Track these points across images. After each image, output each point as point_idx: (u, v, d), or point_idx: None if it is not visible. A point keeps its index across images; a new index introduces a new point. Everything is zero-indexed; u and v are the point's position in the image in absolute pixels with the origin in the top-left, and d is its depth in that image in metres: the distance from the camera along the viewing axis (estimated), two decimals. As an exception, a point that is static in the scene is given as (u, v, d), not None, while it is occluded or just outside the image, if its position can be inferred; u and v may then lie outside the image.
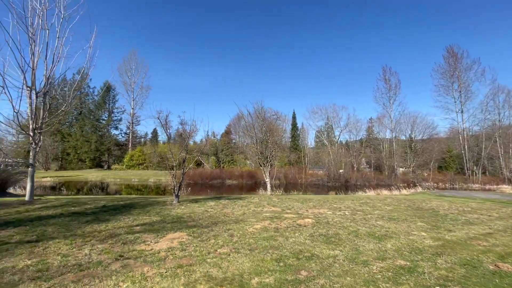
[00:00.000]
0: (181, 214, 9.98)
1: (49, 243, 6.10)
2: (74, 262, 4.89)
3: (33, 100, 13.09)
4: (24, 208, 11.00)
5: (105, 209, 10.74)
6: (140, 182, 48.95)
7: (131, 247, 5.90)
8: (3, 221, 8.46)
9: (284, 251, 5.75)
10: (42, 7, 13.32)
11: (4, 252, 5.42)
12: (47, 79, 13.41)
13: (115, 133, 74.58)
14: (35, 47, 13.12)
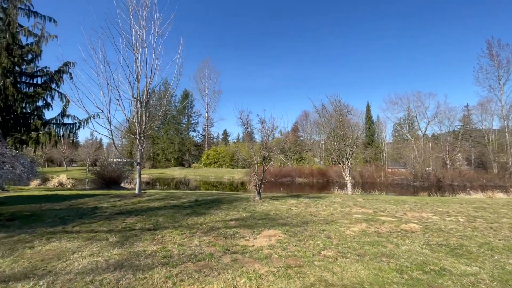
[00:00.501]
0: (267, 211, 10.04)
1: (164, 232, 6.89)
2: (189, 252, 5.30)
3: (138, 108, 15.46)
4: (136, 200, 13.07)
5: (198, 203, 11.74)
6: (216, 179, 53.09)
7: (233, 241, 6.10)
8: (126, 210, 10.16)
9: (402, 260, 4.95)
10: (142, 29, 15.59)
11: (134, 237, 6.36)
12: (147, 90, 15.63)
13: (193, 135, 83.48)
14: (138, 63, 15.48)
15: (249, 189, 27.85)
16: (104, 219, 8.41)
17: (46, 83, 17.98)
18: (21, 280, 3.99)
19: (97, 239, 6.21)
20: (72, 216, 8.93)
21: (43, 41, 17.58)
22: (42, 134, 16.62)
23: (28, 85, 17.73)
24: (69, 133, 18.18)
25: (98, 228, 7.30)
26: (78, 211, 9.89)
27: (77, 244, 5.81)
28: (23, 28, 17.30)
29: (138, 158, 15.56)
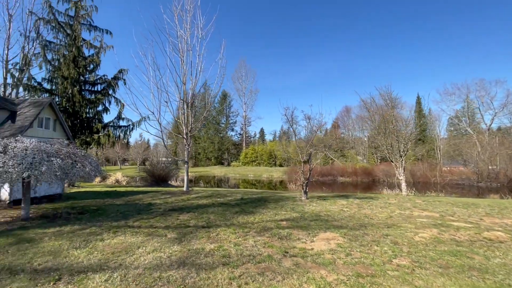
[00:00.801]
0: (317, 212, 9.55)
1: (217, 230, 6.91)
2: (247, 253, 5.15)
3: (185, 109, 16.11)
4: (185, 197, 13.63)
5: (245, 202, 11.73)
6: (255, 177, 53.48)
7: (289, 243, 5.82)
8: (177, 207, 10.59)
9: (500, 277, 4.14)
10: (187, 33, 16.18)
11: (190, 234, 6.47)
12: (193, 91, 16.19)
13: (231, 134, 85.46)
14: (184, 66, 16.12)
15: (290, 188, 27.33)
16: (159, 215, 8.82)
17: (104, 90, 19.89)
18: (97, 272, 4.23)
19: (157, 235, 6.45)
20: (131, 212, 9.57)
21: (102, 51, 19.49)
22: (103, 135, 18.42)
23: (90, 92, 19.81)
24: (124, 134, 19.88)
25: (156, 224, 7.64)
26: (135, 207, 10.60)
27: (140, 239, 6.08)
28: (85, 41, 19.37)
29: (185, 157, 16.22)
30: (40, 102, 12.51)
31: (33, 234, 6.39)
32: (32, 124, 11.61)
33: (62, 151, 8.32)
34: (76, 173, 8.01)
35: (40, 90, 17.59)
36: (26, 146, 7.48)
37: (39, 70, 17.65)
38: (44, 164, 7.22)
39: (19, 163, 6.89)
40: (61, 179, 7.74)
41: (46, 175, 7.17)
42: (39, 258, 4.81)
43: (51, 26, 18.21)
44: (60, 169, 7.62)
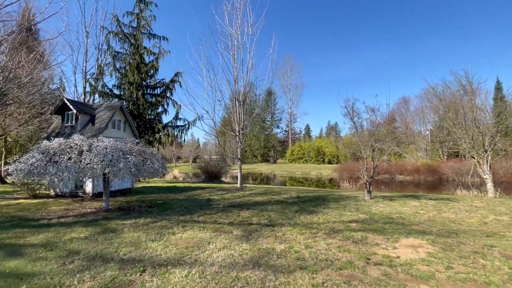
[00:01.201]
0: (387, 214, 8.56)
1: (282, 229, 6.61)
2: (323, 257, 4.71)
3: (237, 107, 16.29)
4: (240, 193, 13.77)
5: (302, 200, 11.25)
6: (303, 175, 52.27)
7: (367, 248, 5.19)
8: (236, 203, 10.67)
9: None
10: (237, 31, 16.29)
11: (256, 232, 6.30)
12: (244, 89, 16.26)
13: (276, 131, 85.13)
14: (235, 64, 16.28)
15: (344, 187, 25.79)
16: (221, 211, 8.95)
17: (163, 92, 21.50)
18: (176, 266, 4.29)
19: (223, 231, 6.45)
20: (194, 207, 9.94)
21: (161, 57, 21.07)
22: (163, 135, 19.93)
23: (151, 96, 21.61)
24: (181, 133, 21.22)
25: (219, 219, 7.71)
26: (196, 202, 11.02)
27: (208, 234, 6.14)
28: (146, 49, 21.16)
29: (238, 154, 16.43)
30: (112, 106, 13.97)
31: (115, 225, 6.99)
32: (107, 125, 13.00)
33: (134, 149, 9.01)
34: (146, 169, 8.59)
35: (111, 95, 19.87)
36: (106, 145, 8.26)
37: (110, 78, 20.01)
38: (121, 161, 7.88)
39: (102, 159, 7.62)
40: (134, 175, 8.38)
41: (123, 171, 7.81)
42: (123, 248, 5.14)
43: (119, 37, 20.38)
44: (134, 165, 8.24)
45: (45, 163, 7.25)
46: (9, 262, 4.41)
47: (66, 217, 8.02)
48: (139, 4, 21.13)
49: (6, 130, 18.08)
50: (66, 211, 8.93)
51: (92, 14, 22.10)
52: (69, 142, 8.09)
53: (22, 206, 9.69)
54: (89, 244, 5.37)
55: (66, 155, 7.58)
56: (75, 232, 6.22)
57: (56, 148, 7.75)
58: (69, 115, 13.37)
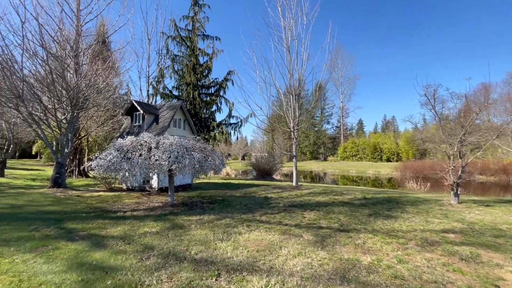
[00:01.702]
0: (490, 224, 6.89)
1: (360, 236, 5.75)
2: (429, 277, 3.77)
3: (291, 102, 15.58)
4: (297, 192, 13.09)
5: (371, 202, 10.02)
6: (358, 173, 48.71)
7: (488, 270, 4.03)
8: (296, 203, 10.06)
9: None
10: (291, 22, 15.53)
11: (330, 238, 5.58)
12: (299, 82, 15.44)
13: (327, 127, 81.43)
14: (289, 57, 15.57)
15: (410, 187, 22.86)
16: (283, 211, 8.43)
17: (217, 91, 22.06)
18: (252, 273, 3.89)
19: (292, 234, 5.90)
20: (253, 205, 9.66)
21: (214, 56, 21.63)
22: (218, 133, 20.45)
23: (205, 95, 22.39)
24: (234, 131, 21.52)
25: (284, 220, 7.20)
26: (254, 200, 10.75)
27: (277, 237, 5.66)
28: (200, 50, 21.98)
29: (293, 151, 15.74)
30: (173, 105, 14.70)
31: (182, 221, 7.05)
32: (169, 124, 13.69)
33: (196, 146, 9.12)
34: (208, 166, 8.58)
35: (171, 96, 21.22)
36: (171, 142, 8.48)
37: (170, 80, 21.37)
38: (186, 157, 7.98)
39: (168, 156, 7.81)
40: (197, 171, 8.44)
41: (188, 168, 7.90)
42: (194, 247, 5.00)
43: (176, 41, 21.62)
44: (198, 162, 8.29)
45: (120, 159, 7.75)
46: (95, 253, 4.61)
47: (138, 210, 8.50)
48: (193, 7, 22.03)
49: (88, 131, 20.81)
50: (137, 205, 9.53)
51: (153, 22, 23.95)
52: (140, 139, 8.54)
53: (101, 198, 10.74)
54: (161, 240, 5.40)
55: (137, 152, 7.99)
56: (147, 226, 6.41)
57: (128, 146, 8.24)
58: (136, 115, 14.52)
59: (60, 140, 12.59)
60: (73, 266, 4.05)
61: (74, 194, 11.26)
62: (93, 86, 13.43)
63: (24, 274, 3.72)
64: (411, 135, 56.44)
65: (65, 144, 12.53)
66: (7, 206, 7.88)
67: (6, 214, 7.03)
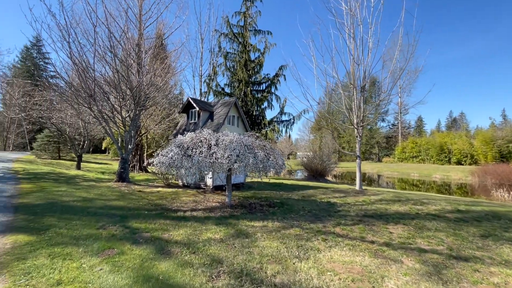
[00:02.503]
0: None
1: (490, 269, 4.17)
2: None
3: (355, 95, 13.83)
4: (365, 198, 11.41)
5: (472, 217, 7.95)
6: (421, 177, 43.15)
7: None
8: (369, 212, 8.55)
9: None
10: (355, 4, 13.73)
11: (447, 270, 4.14)
12: (365, 73, 13.61)
13: (381, 125, 74.54)
14: (352, 45, 13.81)
15: (496, 196, 18.80)
16: (358, 222, 7.09)
17: (268, 87, 21.29)
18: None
19: (388, 257, 4.61)
20: (318, 211, 8.48)
21: (267, 51, 20.87)
22: (269, 130, 19.67)
23: (256, 92, 21.78)
24: (286, 129, 20.48)
25: (366, 236, 5.89)
26: (317, 205, 9.55)
27: (368, 260, 4.45)
28: (252, 46, 21.44)
29: (357, 151, 14.01)
30: (228, 102, 14.32)
31: (245, 227, 6.30)
32: (224, 121, 13.31)
33: (255, 144, 8.34)
34: (271, 165, 7.71)
35: (223, 93, 21.20)
36: (231, 139, 7.84)
37: (222, 77, 21.44)
38: (248, 156, 7.23)
39: (230, 154, 7.16)
40: (259, 171, 7.64)
41: (249, 167, 7.14)
42: (268, 265, 4.13)
43: (229, 38, 21.49)
44: (261, 161, 7.49)
45: (180, 156, 7.38)
46: (160, 263, 4.07)
47: (197, 210, 8.09)
48: (245, 3, 21.60)
49: (147, 128, 22.13)
50: (195, 203, 9.20)
51: (206, 21, 24.29)
52: (199, 136, 8.11)
53: (161, 195, 10.79)
54: (228, 251, 4.67)
55: (197, 149, 7.54)
56: (210, 232, 5.80)
57: (188, 142, 7.86)
58: (192, 112, 14.54)
59: (124, 137, 13.24)
60: (139, 280, 3.51)
61: (136, 189, 11.60)
62: (153, 85, 13.82)
63: (89, 286, 3.28)
64: (490, 135, 47.72)
65: (129, 140, 13.12)
66: (80, 199, 8.22)
67: (79, 207, 7.23)
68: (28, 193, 8.52)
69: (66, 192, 9.20)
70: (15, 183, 10.56)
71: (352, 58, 13.53)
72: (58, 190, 9.40)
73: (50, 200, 7.70)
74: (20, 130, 45.23)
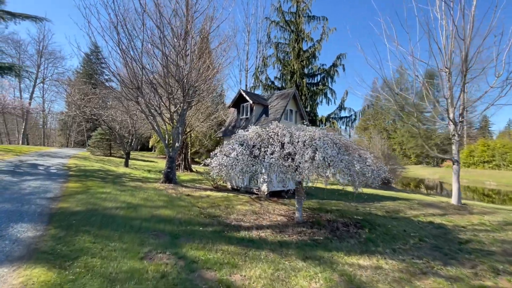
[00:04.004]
0: None
1: None
2: None
3: (451, 82, 10.70)
4: (477, 218, 8.37)
5: None
6: (499, 186, 35.95)
7: None
8: (499, 242, 5.72)
9: None
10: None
11: None
12: (465, 55, 10.37)
13: (441, 125, 65.59)
14: (447, 18, 10.66)
15: None
16: (526, 269, 4.43)
17: (323, 80, 18.71)
18: None
19: None
20: (434, 240, 5.92)
21: (325, 37, 18.31)
22: (328, 128, 17.12)
23: (310, 85, 19.31)
24: (346, 126, 17.66)
25: None
26: (421, 228, 6.94)
27: None
28: (306, 33, 19.09)
29: (454, 154, 10.85)
30: (285, 94, 12.27)
31: (348, 267, 4.15)
32: (281, 116, 11.30)
33: (342, 141, 6.12)
34: (376, 174, 5.40)
35: (273, 87, 19.27)
36: (312, 135, 5.74)
37: (273, 69, 19.49)
38: (345, 159, 5.05)
39: (322, 157, 5.05)
40: (358, 182, 5.38)
41: (351, 174, 4.96)
42: None
43: (280, 26, 19.47)
44: (361, 169, 5.25)
45: (246, 157, 5.51)
46: None
47: (263, 228, 6.16)
48: (298, -14, 19.32)
49: (193, 126, 21.28)
50: (256, 216, 7.32)
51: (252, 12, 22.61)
52: (268, 130, 6.18)
53: (211, 201, 9.17)
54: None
55: (267, 148, 5.60)
56: (301, 275, 3.78)
57: (255, 139, 5.97)
58: (244, 107, 12.81)
59: (172, 133, 12.07)
60: None
61: (184, 192, 10.20)
62: (201, 75, 12.43)
63: None
64: None
65: (176, 137, 11.90)
66: (124, 206, 6.90)
67: (121, 218, 5.81)
68: (71, 195, 7.52)
69: (111, 195, 8.05)
70: (63, 181, 9.90)
71: (451, 31, 10.39)
72: (102, 191, 8.33)
73: (91, 206, 6.47)
74: (80, 129, 49.22)
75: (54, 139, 52.55)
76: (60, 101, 46.07)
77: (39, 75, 37.66)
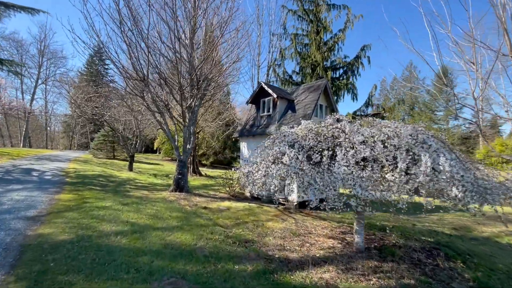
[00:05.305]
0: None
1: None
2: None
3: None
4: None
5: None
6: (527, 189, 33.58)
7: None
8: None
9: None
10: None
11: None
12: None
13: (455, 123, 63.02)
14: None
15: None
16: None
17: (346, 73, 16.91)
18: None
19: None
20: None
21: (349, 26, 16.50)
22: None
23: (333, 79, 17.50)
24: (374, 125, 15.76)
25: None
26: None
27: None
28: (326, 23, 17.31)
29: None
30: (316, 86, 10.50)
31: None
32: (313, 112, 9.53)
33: (430, 141, 4.33)
34: (499, 190, 3.61)
35: (291, 82, 17.50)
36: (397, 131, 3.96)
37: (291, 61, 17.65)
38: (467, 167, 3.27)
39: (406, 164, 3.27)
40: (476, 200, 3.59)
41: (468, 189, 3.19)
42: None
43: (297, 15, 17.70)
44: (475, 179, 3.45)
45: (305, 163, 3.75)
46: None
47: (319, 263, 4.41)
48: (316, -28, 17.56)
49: (201, 127, 19.66)
50: (301, 242, 5.59)
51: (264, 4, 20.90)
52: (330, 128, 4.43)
53: (234, 215, 7.45)
54: None
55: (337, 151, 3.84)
56: None
57: (310, 139, 4.22)
58: (265, 102, 11.07)
59: (183, 133, 10.37)
60: None
61: (200, 204, 8.46)
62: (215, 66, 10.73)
63: None
64: None
65: (188, 138, 10.20)
66: (127, 230, 5.18)
67: (121, 253, 4.10)
68: (60, 212, 5.84)
69: (110, 211, 6.35)
70: (56, 190, 8.25)
71: None
72: (101, 206, 6.64)
73: (82, 231, 4.78)
74: (83, 131, 47.91)
75: (58, 142, 51.35)
76: (62, 102, 44.87)
77: (41, 76, 36.40)
